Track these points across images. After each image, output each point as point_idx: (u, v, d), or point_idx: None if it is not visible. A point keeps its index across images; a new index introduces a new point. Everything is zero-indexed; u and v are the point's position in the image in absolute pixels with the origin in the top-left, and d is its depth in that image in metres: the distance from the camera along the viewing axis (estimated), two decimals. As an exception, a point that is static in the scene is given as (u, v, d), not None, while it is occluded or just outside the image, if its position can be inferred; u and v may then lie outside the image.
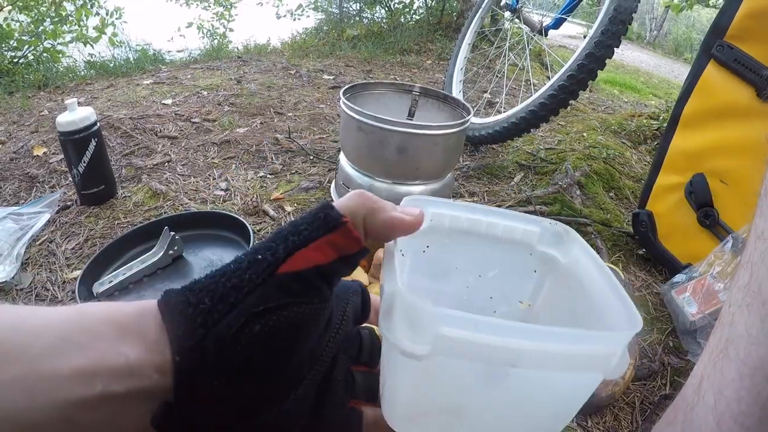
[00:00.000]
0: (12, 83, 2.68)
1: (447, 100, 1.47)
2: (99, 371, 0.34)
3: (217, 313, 0.36)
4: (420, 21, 4.81)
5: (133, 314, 0.37)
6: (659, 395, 0.97)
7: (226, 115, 2.12)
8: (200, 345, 0.36)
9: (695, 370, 0.42)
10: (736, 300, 0.39)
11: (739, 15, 1.07)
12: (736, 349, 0.37)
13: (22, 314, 0.35)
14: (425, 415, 0.42)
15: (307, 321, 0.39)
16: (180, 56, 3.75)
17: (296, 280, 0.38)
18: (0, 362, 0.31)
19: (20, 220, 1.29)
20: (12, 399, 0.31)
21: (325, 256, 0.38)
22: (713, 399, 0.38)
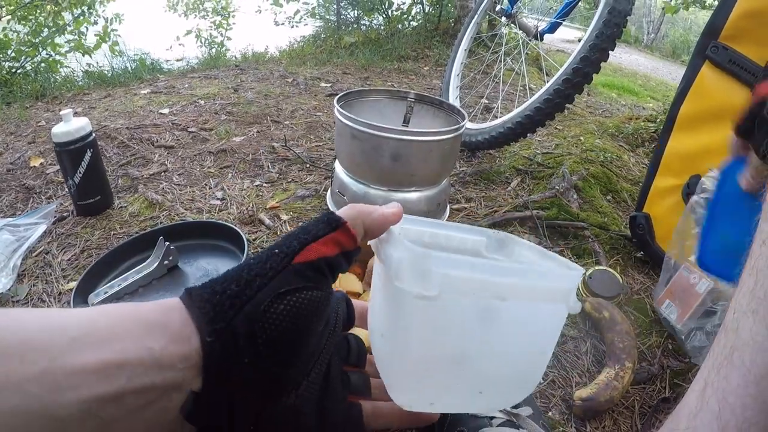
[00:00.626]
0: (10, 94, 2.69)
1: (442, 106, 1.46)
2: (123, 364, 0.36)
3: (244, 296, 0.42)
4: (417, 27, 4.83)
5: (155, 309, 0.41)
6: (658, 399, 0.96)
7: (223, 124, 2.12)
8: (230, 325, 0.40)
9: (698, 376, 0.42)
10: (741, 306, 0.39)
11: (734, 15, 1.06)
12: (741, 356, 0.37)
13: (48, 314, 0.37)
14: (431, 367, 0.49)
15: (320, 304, 0.46)
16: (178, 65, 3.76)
17: (309, 268, 0.45)
18: (26, 358, 0.33)
19: (16, 231, 1.28)
20: (37, 394, 0.32)
21: (330, 250, 0.47)
22: (718, 406, 0.37)
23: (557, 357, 1.03)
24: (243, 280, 0.43)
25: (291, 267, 0.44)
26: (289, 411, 0.44)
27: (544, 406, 0.92)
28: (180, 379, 0.39)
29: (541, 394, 0.95)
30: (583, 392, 0.91)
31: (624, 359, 0.97)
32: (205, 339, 0.40)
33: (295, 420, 0.45)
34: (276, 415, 0.44)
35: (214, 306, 0.41)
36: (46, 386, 0.33)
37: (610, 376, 0.94)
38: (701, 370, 0.42)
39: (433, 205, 1.35)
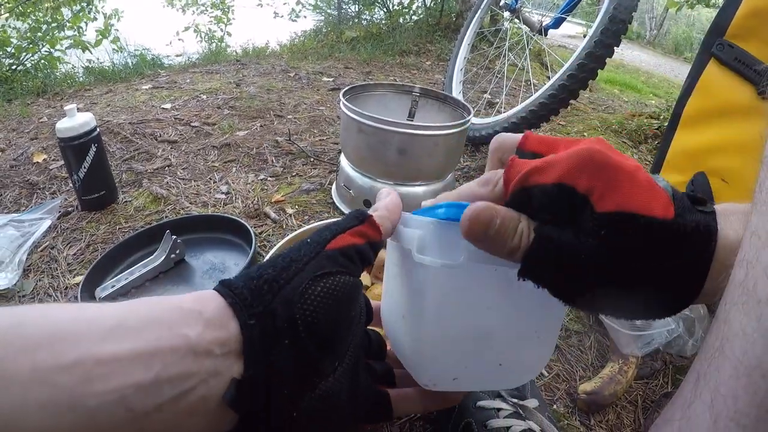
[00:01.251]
0: (11, 90, 2.69)
1: (447, 101, 1.47)
2: (157, 352, 0.35)
3: (281, 279, 0.43)
4: (419, 22, 4.82)
5: (189, 298, 0.41)
6: (661, 394, 0.96)
7: (226, 119, 2.12)
8: (269, 308, 0.41)
9: (692, 368, 0.42)
10: (732, 298, 0.39)
11: (740, 14, 1.06)
12: (731, 348, 0.37)
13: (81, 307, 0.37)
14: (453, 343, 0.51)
15: (354, 289, 0.47)
16: (179, 60, 3.75)
17: (341, 254, 0.47)
18: (58, 348, 0.32)
19: (21, 226, 1.29)
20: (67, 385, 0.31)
21: (358, 239, 0.49)
22: (710, 397, 0.38)
23: (562, 351, 1.04)
24: (279, 265, 0.44)
25: (324, 252, 0.46)
26: (326, 397, 0.45)
27: (548, 399, 0.93)
28: (218, 365, 0.38)
29: (545, 387, 0.95)
30: (588, 386, 0.92)
31: (628, 354, 0.97)
32: (245, 323, 0.40)
33: (332, 406, 0.46)
34: (314, 400, 0.44)
35: (252, 291, 0.42)
36: (76, 377, 0.32)
37: (614, 370, 0.95)
38: (695, 362, 0.42)
39: (438, 199, 1.35)
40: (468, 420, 0.74)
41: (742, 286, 0.38)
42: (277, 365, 0.41)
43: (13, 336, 0.32)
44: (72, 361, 0.32)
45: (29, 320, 0.33)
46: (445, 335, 0.50)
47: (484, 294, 0.49)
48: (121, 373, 0.33)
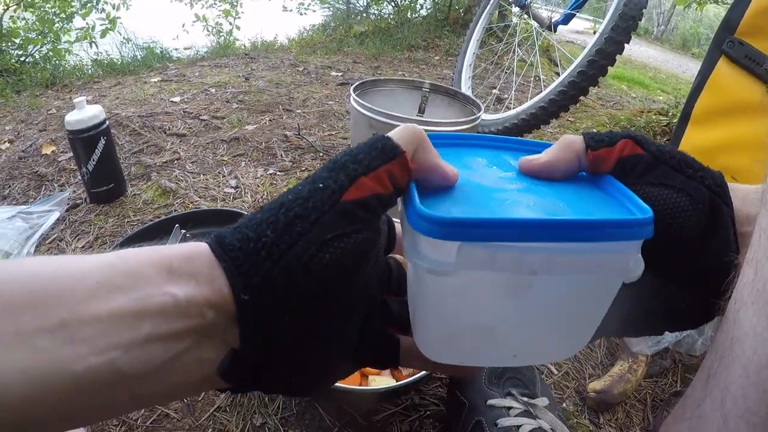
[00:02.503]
0: (19, 82, 2.70)
1: (457, 97, 1.46)
2: (144, 312, 0.32)
3: (283, 243, 0.35)
4: (427, 17, 4.80)
5: (179, 255, 0.36)
6: (670, 392, 0.96)
7: (235, 113, 2.12)
8: (267, 278, 0.35)
9: (702, 367, 0.42)
10: (741, 297, 0.39)
11: (750, 11, 1.06)
12: (741, 347, 0.37)
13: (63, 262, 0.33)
14: (457, 336, 0.42)
15: (370, 246, 0.39)
16: (187, 54, 3.75)
17: (360, 207, 0.38)
18: (40, 310, 0.30)
19: (30, 218, 1.29)
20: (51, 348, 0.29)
21: (383, 185, 0.38)
22: (720, 396, 0.37)
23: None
24: (280, 223, 0.36)
25: (338, 206, 0.37)
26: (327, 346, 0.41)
27: (558, 398, 0.93)
28: (212, 328, 0.35)
29: (555, 386, 0.95)
30: (597, 384, 0.92)
31: (637, 352, 0.97)
32: (239, 295, 0.35)
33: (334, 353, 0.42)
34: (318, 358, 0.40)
35: (248, 255, 0.35)
36: (60, 339, 0.30)
37: (624, 369, 0.94)
38: (705, 360, 0.42)
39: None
40: (478, 418, 0.74)
41: (751, 286, 0.38)
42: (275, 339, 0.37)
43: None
44: (55, 323, 0.30)
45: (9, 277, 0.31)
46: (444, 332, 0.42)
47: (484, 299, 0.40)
48: (108, 333, 0.31)
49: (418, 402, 0.90)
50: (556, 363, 1.00)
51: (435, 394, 0.91)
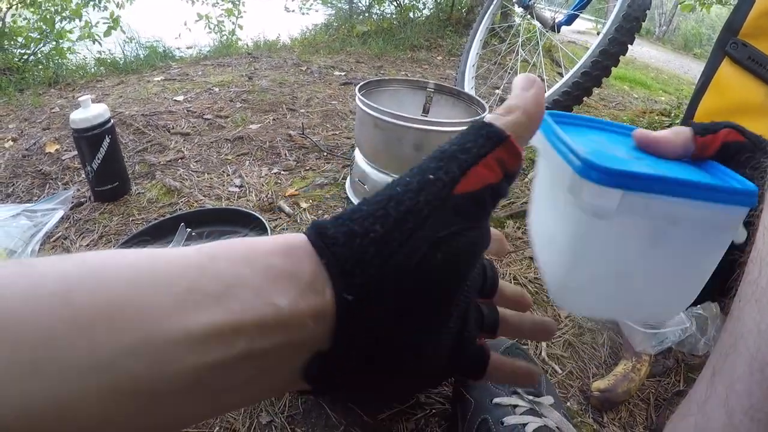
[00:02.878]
0: (23, 80, 2.70)
1: (461, 97, 1.47)
2: (242, 327, 0.29)
3: (394, 241, 0.33)
4: (430, 17, 4.81)
5: (278, 252, 0.33)
6: (673, 391, 0.97)
7: (239, 112, 2.12)
8: (374, 279, 0.32)
9: (707, 364, 0.42)
10: (746, 295, 0.39)
11: (753, 13, 1.06)
12: (746, 344, 0.37)
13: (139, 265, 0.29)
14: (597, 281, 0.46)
15: (480, 247, 0.37)
16: (190, 53, 3.76)
17: (472, 201, 0.36)
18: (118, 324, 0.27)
19: (34, 217, 1.29)
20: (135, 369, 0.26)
21: (494, 173, 0.37)
22: (725, 393, 0.38)
23: (575, 348, 1.04)
24: (390, 218, 0.33)
25: (450, 200, 0.35)
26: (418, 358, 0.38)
27: (562, 396, 0.93)
28: (307, 339, 0.32)
29: (559, 385, 0.96)
30: (601, 383, 0.92)
31: (641, 352, 0.98)
32: (341, 295, 0.32)
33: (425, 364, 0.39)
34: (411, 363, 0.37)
35: (354, 252, 0.32)
36: (143, 361, 0.26)
37: (628, 368, 0.95)
38: (710, 357, 0.43)
39: (453, 195, 1.35)
40: (484, 416, 0.74)
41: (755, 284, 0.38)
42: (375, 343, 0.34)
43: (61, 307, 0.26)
44: (137, 342, 0.26)
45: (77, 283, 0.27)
46: (585, 275, 0.45)
47: (631, 244, 0.43)
48: (199, 351, 0.28)
49: (424, 401, 0.90)
50: (560, 362, 1.00)
51: (440, 393, 0.92)
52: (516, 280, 1.20)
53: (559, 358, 1.01)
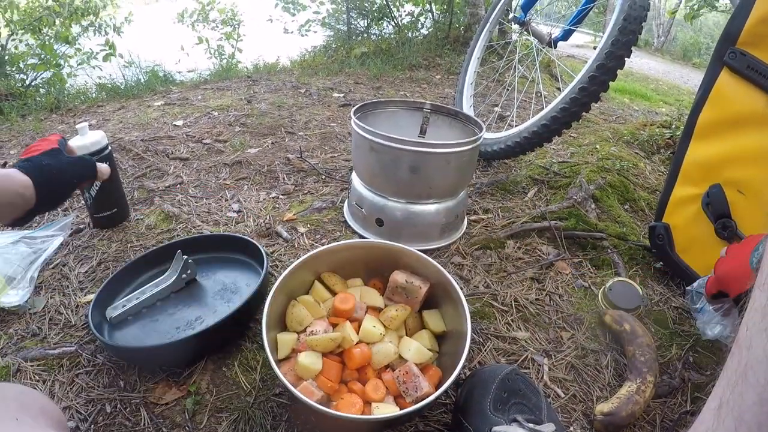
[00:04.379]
0: (24, 106, 2.72)
1: (458, 117, 1.46)
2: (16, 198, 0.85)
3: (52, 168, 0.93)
4: (428, 36, 4.83)
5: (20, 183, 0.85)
6: (680, 412, 0.95)
7: (237, 136, 2.13)
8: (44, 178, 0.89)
9: (714, 394, 0.41)
10: (754, 323, 0.38)
11: (750, 21, 1.05)
12: (755, 374, 0.36)
13: None
14: None
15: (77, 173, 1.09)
16: (190, 76, 3.78)
17: None
18: None
19: (33, 243, 1.29)
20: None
21: None
22: (734, 425, 0.37)
23: (578, 371, 1.02)
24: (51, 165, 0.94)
25: None
26: None
27: (565, 421, 0.92)
28: None
29: (562, 409, 0.94)
30: (605, 407, 0.90)
31: (645, 373, 0.96)
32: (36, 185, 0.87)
33: None
34: None
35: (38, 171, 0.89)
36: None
37: (632, 390, 0.93)
38: (716, 387, 0.41)
39: (452, 216, 1.34)
40: (483, 444, 0.73)
41: (764, 311, 0.38)
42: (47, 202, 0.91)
43: None
44: None
45: None
46: None
47: None
48: None
49: (423, 429, 0.89)
50: (563, 386, 0.99)
51: (439, 420, 0.90)
52: (517, 301, 1.19)
53: (561, 381, 1.00)
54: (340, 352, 0.91)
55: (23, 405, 0.58)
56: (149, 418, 0.88)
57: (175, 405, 0.91)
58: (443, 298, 1.00)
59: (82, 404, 0.90)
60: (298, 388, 0.80)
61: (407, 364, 0.86)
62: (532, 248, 1.39)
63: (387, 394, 0.86)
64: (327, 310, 0.99)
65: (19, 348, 1.01)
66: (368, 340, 0.92)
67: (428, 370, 0.90)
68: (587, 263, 1.34)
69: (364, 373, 0.90)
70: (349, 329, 0.92)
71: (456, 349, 0.88)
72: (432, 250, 1.34)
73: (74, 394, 0.92)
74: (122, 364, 0.98)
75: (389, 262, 1.06)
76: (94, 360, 0.99)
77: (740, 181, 1.12)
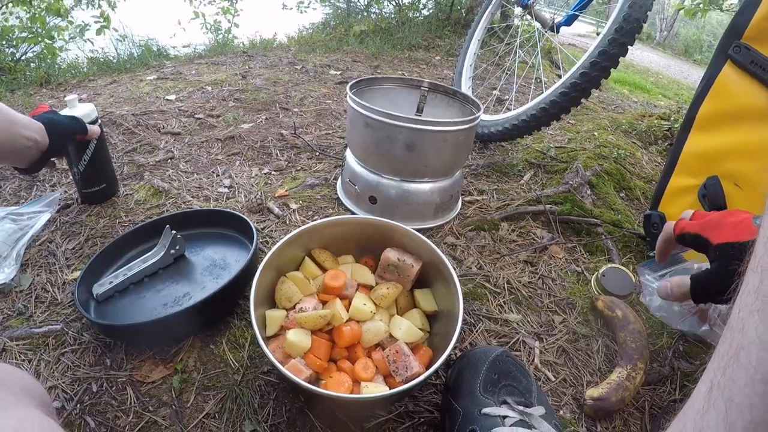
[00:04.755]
0: (14, 80, 2.67)
1: (456, 96, 1.45)
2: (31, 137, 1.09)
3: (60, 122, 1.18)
4: (429, 17, 4.80)
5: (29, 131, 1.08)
6: (669, 400, 0.95)
7: (231, 111, 2.10)
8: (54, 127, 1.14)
9: (704, 377, 0.41)
10: (747, 305, 0.38)
11: (757, 16, 1.04)
12: (747, 356, 0.36)
13: None
14: None
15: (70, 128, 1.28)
16: (185, 51, 3.74)
17: None
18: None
19: (20, 219, 1.26)
20: None
21: None
22: (724, 407, 0.37)
23: (569, 355, 1.02)
24: None
25: None
26: None
27: (555, 405, 0.91)
28: None
29: (552, 392, 0.93)
30: (595, 391, 0.90)
31: (636, 359, 0.95)
32: None
33: None
34: None
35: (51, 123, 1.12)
36: None
37: (622, 376, 0.93)
38: (707, 370, 0.42)
39: (446, 196, 1.33)
40: (473, 427, 0.72)
41: (756, 293, 0.38)
42: None
43: None
44: None
45: None
46: None
47: None
48: None
49: (412, 409, 0.88)
50: (553, 369, 0.98)
51: (429, 401, 0.89)
52: (509, 283, 1.18)
53: (552, 365, 0.99)
54: (329, 330, 0.90)
55: (4, 384, 0.56)
56: (135, 397, 0.87)
57: (162, 383, 0.90)
58: (435, 277, 0.99)
59: (67, 383, 0.89)
60: (286, 366, 0.79)
61: (397, 343, 0.85)
62: (527, 231, 1.38)
63: (377, 373, 0.85)
64: (317, 286, 0.98)
65: (4, 327, 0.99)
66: (358, 318, 0.91)
67: (419, 350, 0.89)
68: (581, 248, 1.34)
69: (353, 352, 0.89)
70: (339, 307, 0.90)
71: (447, 330, 0.87)
72: (425, 230, 1.33)
73: (60, 373, 0.91)
74: (109, 342, 0.96)
75: (381, 239, 1.04)
76: (81, 338, 0.97)
77: (737, 174, 1.11)
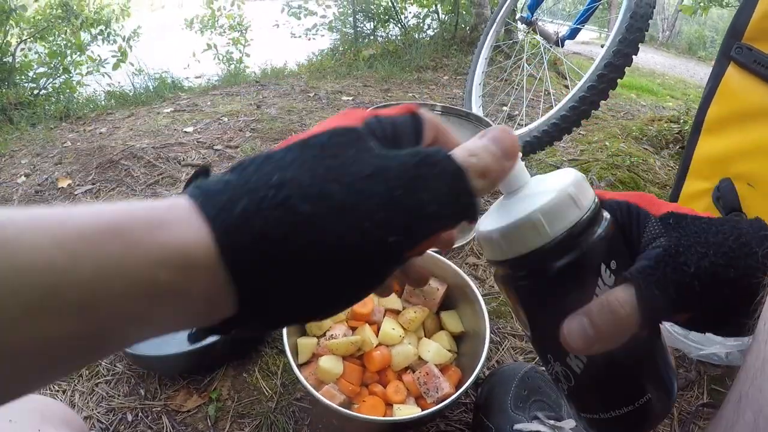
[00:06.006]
0: (34, 115, 2.73)
1: (469, 118, 1.47)
2: None
3: None
4: (434, 37, 4.83)
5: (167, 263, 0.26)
6: (696, 404, 0.95)
7: (248, 141, 2.14)
8: None
9: (734, 388, 0.41)
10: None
11: (756, 16, 1.05)
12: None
13: None
14: None
15: None
16: (199, 82, 3.79)
17: None
18: None
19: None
20: None
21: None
22: (753, 417, 0.37)
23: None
24: None
25: None
26: None
27: (585, 418, 0.92)
28: None
29: (581, 406, 0.94)
30: (623, 402, 0.91)
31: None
32: None
33: None
34: None
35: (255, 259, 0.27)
36: None
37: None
38: (736, 381, 0.42)
39: (464, 218, 1.34)
40: (504, 442, 0.73)
41: None
42: None
43: None
44: None
45: None
46: None
47: None
48: None
49: (444, 429, 0.89)
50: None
51: (461, 420, 0.91)
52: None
53: (579, 378, 1.00)
54: (360, 355, 0.92)
55: (44, 416, 0.57)
56: (171, 426, 0.89)
57: (197, 412, 0.92)
58: (460, 298, 1.01)
59: (102, 413, 0.91)
60: (320, 391, 0.81)
61: (427, 365, 0.87)
62: (546, 247, 1.38)
63: (408, 395, 0.87)
64: (346, 313, 1.00)
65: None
66: (388, 343, 0.93)
67: (448, 371, 0.91)
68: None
69: (384, 376, 0.91)
70: (368, 332, 0.92)
71: (474, 349, 0.89)
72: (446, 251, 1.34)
73: (95, 403, 0.93)
74: (142, 372, 0.99)
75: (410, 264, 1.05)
76: (114, 369, 0.99)
77: (749, 174, 1.11)
